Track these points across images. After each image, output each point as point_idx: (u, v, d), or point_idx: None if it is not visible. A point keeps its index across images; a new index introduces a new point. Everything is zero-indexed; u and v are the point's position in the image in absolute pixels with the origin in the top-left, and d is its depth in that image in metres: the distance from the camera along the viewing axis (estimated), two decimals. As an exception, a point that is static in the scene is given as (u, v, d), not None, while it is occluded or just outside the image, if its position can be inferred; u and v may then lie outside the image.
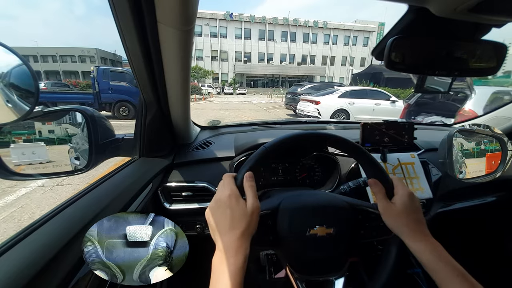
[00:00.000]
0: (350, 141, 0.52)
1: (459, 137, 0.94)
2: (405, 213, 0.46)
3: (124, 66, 46.57)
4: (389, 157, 0.92)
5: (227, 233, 0.40)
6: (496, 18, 0.37)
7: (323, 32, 44.84)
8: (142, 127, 0.76)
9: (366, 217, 0.52)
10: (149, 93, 0.69)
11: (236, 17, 40.60)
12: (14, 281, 0.33)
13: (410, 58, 0.43)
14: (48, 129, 0.47)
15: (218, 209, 0.42)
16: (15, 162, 0.41)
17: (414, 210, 0.47)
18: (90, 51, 42.33)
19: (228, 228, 0.40)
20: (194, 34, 0.54)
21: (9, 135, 0.42)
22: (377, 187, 0.50)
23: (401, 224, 0.46)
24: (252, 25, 41.94)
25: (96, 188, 0.60)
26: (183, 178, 0.83)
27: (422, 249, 0.43)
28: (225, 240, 0.39)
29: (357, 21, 49.01)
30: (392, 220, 0.47)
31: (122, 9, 0.46)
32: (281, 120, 1.34)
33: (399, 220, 0.46)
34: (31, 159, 0.44)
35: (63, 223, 0.46)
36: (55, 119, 0.64)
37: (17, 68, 0.42)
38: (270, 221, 0.50)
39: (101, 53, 43.16)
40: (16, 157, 0.41)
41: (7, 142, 0.42)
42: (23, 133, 0.44)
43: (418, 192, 0.90)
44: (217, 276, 0.37)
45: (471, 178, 0.92)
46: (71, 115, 0.67)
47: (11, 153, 0.41)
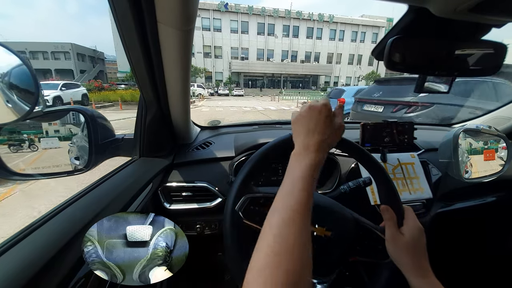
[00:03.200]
0: (372, 157, 0.52)
1: (465, 136, 0.94)
2: (412, 247, 0.46)
3: (107, 64, 41.75)
4: (389, 157, 0.92)
5: (312, 135, 0.41)
6: (496, 18, 0.37)
7: (329, 27, 39.37)
8: (142, 127, 0.76)
9: (367, 235, 0.52)
10: (149, 93, 0.69)
11: (231, 8, 34.63)
12: (14, 281, 0.33)
13: (410, 58, 0.43)
14: (54, 129, 0.56)
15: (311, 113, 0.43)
16: (44, 146, 0.54)
17: (421, 246, 0.46)
18: (64, 46, 35.90)
19: (313, 132, 0.41)
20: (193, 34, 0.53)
21: (20, 134, 0.51)
22: (389, 214, 0.49)
23: (405, 257, 0.46)
24: (250, 17, 36.18)
25: (96, 188, 0.60)
26: (183, 178, 0.83)
27: (423, 286, 0.43)
28: (307, 140, 0.40)
29: (364, 15, 42.91)
30: (397, 251, 0.47)
31: (122, 9, 0.46)
32: (281, 120, 1.33)
33: (405, 252, 0.46)
34: (51, 146, 0.57)
35: (63, 223, 0.46)
36: (55, 119, 0.64)
37: (17, 68, 0.42)
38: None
39: (78, 49, 36.80)
40: (44, 144, 0.55)
41: (22, 140, 0.51)
42: (33, 132, 0.53)
43: (418, 192, 0.90)
44: (292, 171, 0.38)
45: (477, 178, 0.92)
46: (75, 115, 0.68)
47: (41, 142, 0.53)
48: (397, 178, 0.90)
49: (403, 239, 0.46)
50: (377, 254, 0.51)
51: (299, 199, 0.34)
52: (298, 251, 0.30)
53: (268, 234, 0.32)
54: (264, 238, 0.32)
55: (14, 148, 0.47)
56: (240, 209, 0.49)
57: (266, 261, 0.29)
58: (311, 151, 0.39)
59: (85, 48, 38.17)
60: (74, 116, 0.67)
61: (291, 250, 0.30)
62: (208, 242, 0.83)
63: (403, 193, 0.88)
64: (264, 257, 0.30)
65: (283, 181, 0.38)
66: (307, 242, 0.32)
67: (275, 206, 0.35)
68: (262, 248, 0.31)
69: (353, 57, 41.69)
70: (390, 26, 25.43)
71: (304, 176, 0.36)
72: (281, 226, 0.32)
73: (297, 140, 0.42)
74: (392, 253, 0.47)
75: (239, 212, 0.49)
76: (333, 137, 0.43)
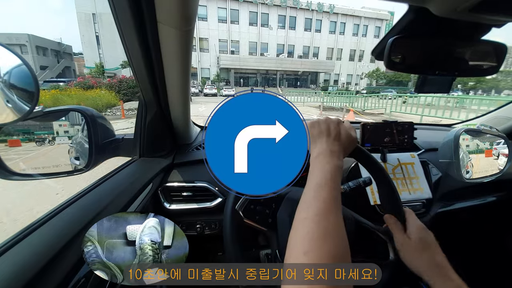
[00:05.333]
0: (373, 157, 0.52)
1: (465, 136, 0.94)
2: (422, 248, 0.46)
3: (75, 60, 33.77)
4: (389, 157, 0.92)
5: (331, 141, 0.44)
6: (496, 18, 0.37)
7: (329, 18, 34.57)
8: (142, 127, 0.76)
9: (367, 236, 0.52)
10: (149, 93, 0.69)
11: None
12: (14, 281, 0.33)
13: (410, 58, 0.43)
14: (64, 130, 0.64)
15: (328, 124, 0.47)
16: (58, 142, 0.62)
17: (431, 243, 0.46)
18: (19, 38, 28.91)
19: (332, 138, 0.45)
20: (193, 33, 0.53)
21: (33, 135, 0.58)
22: (392, 220, 0.50)
23: (419, 259, 0.45)
24: (241, 4, 30.57)
25: (96, 188, 0.60)
26: (183, 178, 0.83)
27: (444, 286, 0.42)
28: (331, 147, 0.43)
29: (364, 7, 37.89)
30: (410, 257, 0.46)
31: (122, 9, 0.46)
32: None
33: (417, 254, 0.46)
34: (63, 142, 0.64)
35: (63, 223, 0.46)
36: (55, 119, 0.64)
37: (17, 68, 0.42)
38: (274, 205, 0.52)
39: (37, 41, 30.09)
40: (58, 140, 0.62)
41: (44, 138, 0.60)
42: (44, 133, 0.60)
43: (418, 192, 0.90)
44: (320, 170, 0.40)
45: (478, 178, 0.92)
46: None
47: (56, 139, 0.62)
48: (397, 178, 0.90)
49: (411, 243, 0.46)
50: (378, 255, 0.51)
51: (332, 194, 0.37)
52: (339, 236, 0.33)
53: (307, 222, 0.34)
54: (303, 227, 0.34)
55: (39, 143, 0.59)
56: (241, 209, 0.49)
57: (310, 245, 0.31)
58: (336, 156, 0.42)
59: (48, 40, 31.06)
60: (83, 117, 0.67)
61: (334, 233, 0.33)
62: (208, 242, 0.83)
63: (402, 193, 0.88)
64: (308, 242, 0.32)
65: (309, 179, 0.40)
66: (344, 229, 0.34)
67: (307, 200, 0.37)
68: (303, 235, 0.33)
69: (354, 53, 37.58)
70: (391, 20, 22.73)
71: (333, 176, 0.39)
72: (320, 215, 0.34)
73: (320, 143, 0.45)
74: (407, 261, 0.47)
75: (240, 211, 0.49)
76: (350, 147, 0.47)
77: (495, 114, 1.26)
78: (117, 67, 23.12)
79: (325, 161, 0.41)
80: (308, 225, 0.33)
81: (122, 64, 22.12)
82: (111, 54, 24.65)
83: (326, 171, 0.39)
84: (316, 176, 0.39)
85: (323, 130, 0.46)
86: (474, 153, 0.96)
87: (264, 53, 33.85)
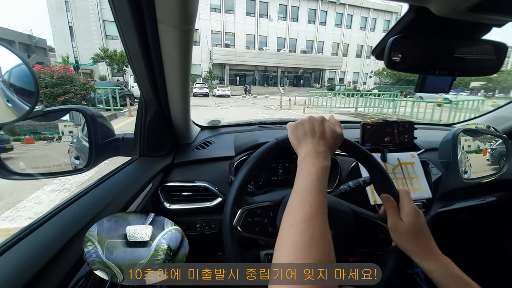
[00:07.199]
0: (360, 147, 0.53)
1: (463, 136, 0.94)
2: (414, 231, 0.46)
3: (50, 56, 28.05)
4: (389, 157, 0.92)
5: (316, 141, 0.44)
6: (497, 18, 0.37)
7: (335, 9, 30.67)
8: (142, 126, 0.76)
9: (367, 226, 0.52)
10: (149, 93, 0.69)
11: (211, -23, 24.85)
12: (14, 281, 0.33)
13: (410, 58, 0.43)
14: (69, 130, 0.67)
15: (312, 123, 0.47)
16: (64, 140, 0.66)
17: (422, 227, 0.47)
18: None
19: (317, 138, 0.44)
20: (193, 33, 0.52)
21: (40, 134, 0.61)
22: (390, 203, 0.50)
23: (410, 243, 0.46)
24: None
25: (96, 188, 0.60)
26: (183, 178, 0.83)
27: (434, 268, 0.43)
28: (310, 147, 0.43)
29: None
30: (401, 239, 0.47)
31: (122, 9, 0.46)
32: (282, 119, 1.33)
33: (408, 238, 0.46)
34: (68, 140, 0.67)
35: (63, 223, 0.46)
36: (55, 119, 0.64)
37: (17, 68, 0.42)
38: (272, 213, 0.51)
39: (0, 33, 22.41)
40: (64, 139, 0.66)
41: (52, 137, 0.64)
42: (50, 133, 0.63)
43: (418, 192, 0.90)
44: (306, 174, 0.40)
45: (476, 178, 0.92)
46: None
47: (62, 138, 0.65)
48: (397, 178, 0.91)
49: (404, 226, 0.47)
50: (380, 243, 0.51)
51: (318, 198, 0.37)
52: (324, 243, 0.33)
53: (293, 229, 0.34)
54: (288, 235, 0.34)
55: (49, 141, 0.62)
56: (238, 223, 0.49)
57: (295, 255, 0.31)
58: (322, 156, 0.42)
59: (15, 32, 25.05)
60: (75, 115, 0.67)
61: (319, 240, 0.32)
62: (208, 241, 0.83)
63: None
64: (293, 251, 0.31)
65: (296, 182, 0.40)
66: (329, 234, 0.34)
67: (294, 205, 0.37)
68: (288, 244, 0.33)
69: (361, 49, 33.59)
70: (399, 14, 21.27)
71: (319, 178, 0.39)
72: (306, 221, 0.34)
73: (305, 144, 0.45)
74: (397, 241, 0.48)
75: (237, 227, 0.48)
76: (336, 144, 0.47)
77: (495, 114, 1.26)
78: (94, 63, 20.10)
79: (311, 163, 0.41)
80: (294, 233, 0.33)
81: (94, 58, 19.01)
82: (86, 47, 21.65)
83: (312, 173, 0.39)
84: (302, 179, 0.40)
85: (307, 130, 0.46)
86: (472, 153, 0.96)
87: (263, 47, 29.72)
